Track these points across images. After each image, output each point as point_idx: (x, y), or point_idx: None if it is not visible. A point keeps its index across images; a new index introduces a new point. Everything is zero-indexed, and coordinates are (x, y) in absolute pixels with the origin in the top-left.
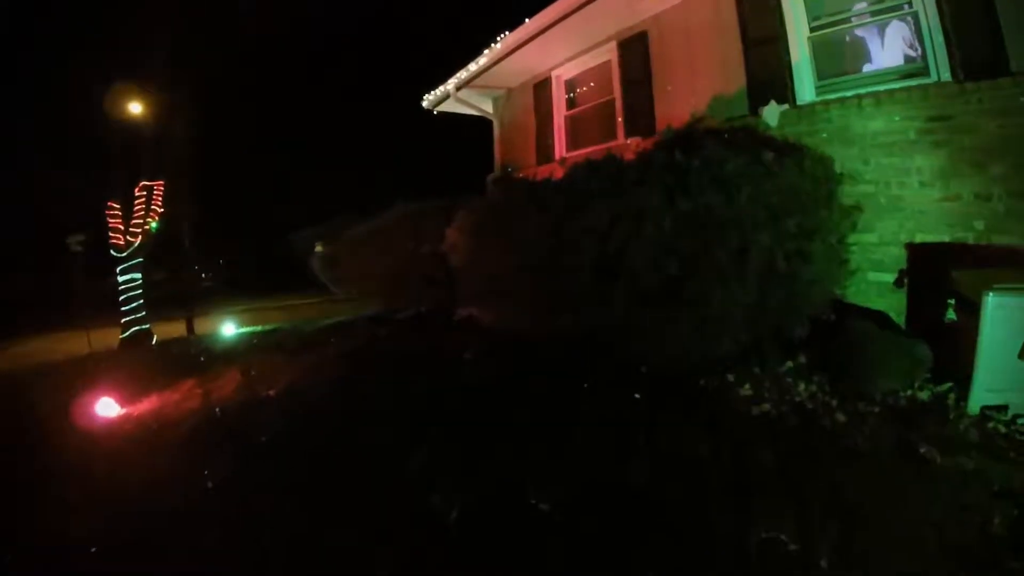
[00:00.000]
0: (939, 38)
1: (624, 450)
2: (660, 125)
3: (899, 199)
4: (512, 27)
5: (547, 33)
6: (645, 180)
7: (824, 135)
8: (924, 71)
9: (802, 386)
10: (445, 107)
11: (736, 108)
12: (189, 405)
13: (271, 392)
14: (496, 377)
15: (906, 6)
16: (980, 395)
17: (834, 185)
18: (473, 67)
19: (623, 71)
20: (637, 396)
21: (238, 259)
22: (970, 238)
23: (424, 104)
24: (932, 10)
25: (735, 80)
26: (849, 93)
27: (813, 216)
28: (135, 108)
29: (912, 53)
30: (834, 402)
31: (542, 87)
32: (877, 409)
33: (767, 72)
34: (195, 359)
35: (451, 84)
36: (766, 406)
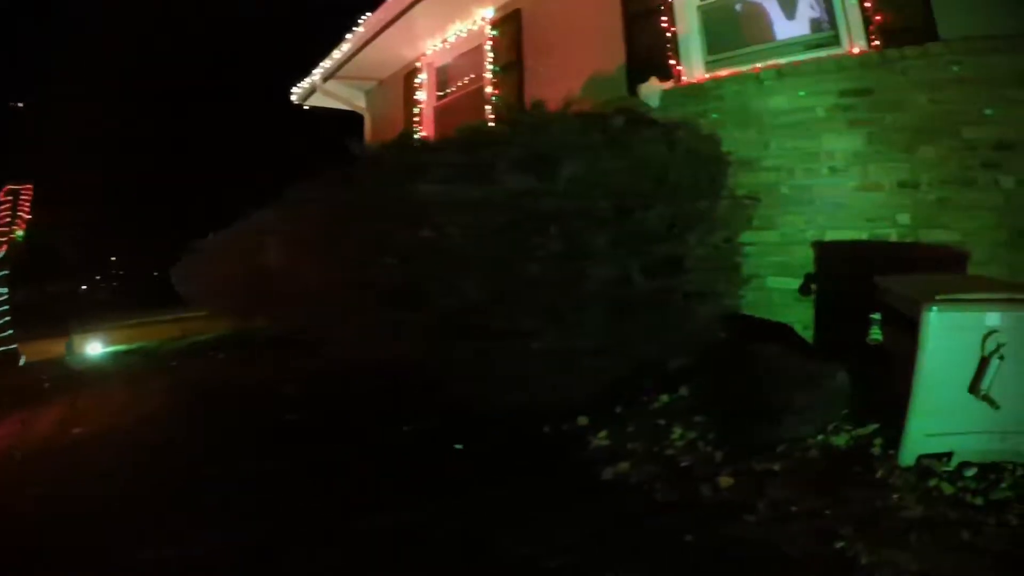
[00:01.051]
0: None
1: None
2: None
3: (806, 189)
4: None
5: (411, 12)
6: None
7: (716, 115)
8: (834, 40)
9: (678, 432)
10: (315, 101)
11: (616, 89)
12: None
13: (77, 430)
14: (308, 418)
15: None
16: (917, 441)
17: (722, 169)
18: (337, 54)
19: (494, 55)
20: (458, 447)
21: (137, 268)
22: (893, 235)
23: (293, 98)
24: None
25: (615, 58)
26: (745, 67)
27: (688, 207)
28: None
29: (820, 17)
30: (719, 455)
31: (413, 76)
32: (777, 466)
33: (650, 47)
34: (40, 386)
35: (317, 75)
36: (624, 465)
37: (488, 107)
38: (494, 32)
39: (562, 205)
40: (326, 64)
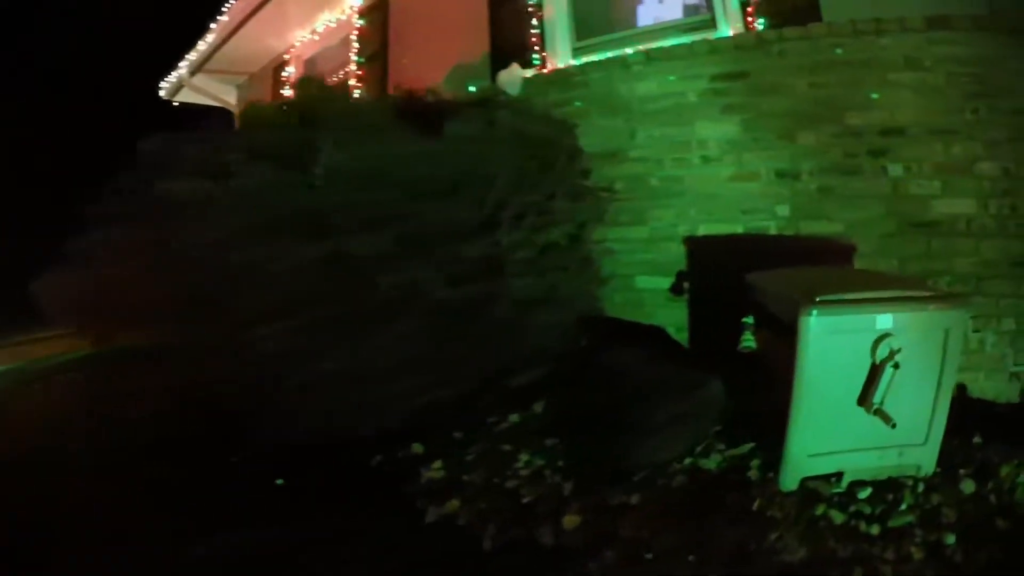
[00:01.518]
0: None
1: None
2: None
3: (676, 181)
4: None
5: (265, 10)
6: None
7: (579, 103)
8: (711, 24)
9: (524, 459)
10: (184, 96)
11: (479, 78)
12: None
13: None
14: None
15: None
16: (800, 462)
17: (572, 157)
18: (203, 46)
19: (360, 45)
20: (279, 483)
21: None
22: (772, 228)
23: (162, 93)
24: None
25: (480, 45)
26: (613, 53)
27: (515, 199)
28: None
29: (697, 1)
30: (568, 487)
31: (281, 70)
32: (635, 499)
33: (516, 33)
34: None
35: (183, 68)
36: (454, 503)
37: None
38: (361, 21)
39: (324, 200)
40: (192, 56)
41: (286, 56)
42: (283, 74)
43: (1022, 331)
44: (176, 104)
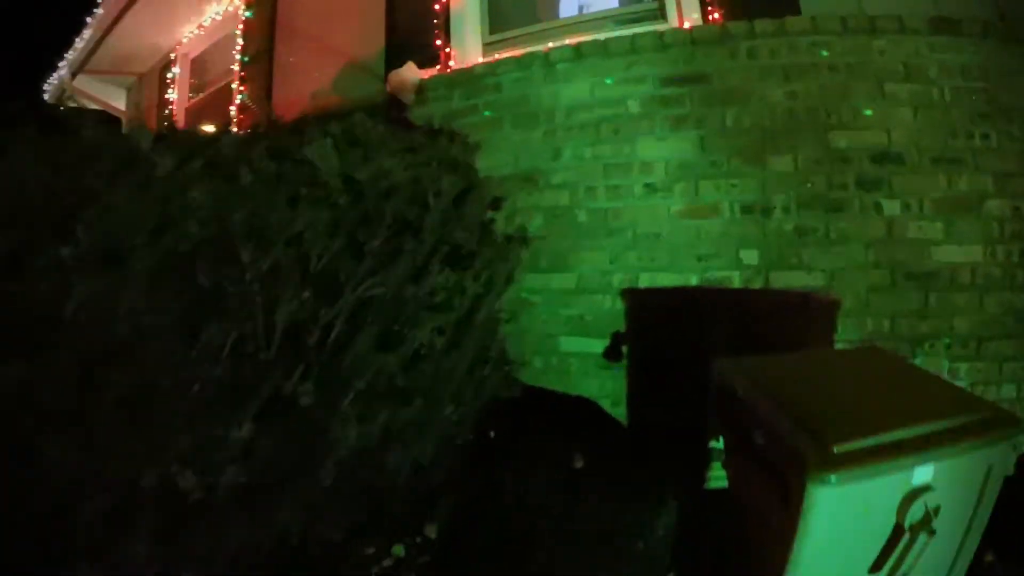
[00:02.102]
0: None
1: None
2: (279, 114)
3: (613, 215)
4: None
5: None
6: None
7: (488, 112)
8: (658, 15)
9: None
10: (71, 101)
11: (371, 82)
12: None
13: None
14: None
15: None
16: None
17: (460, 196)
18: (80, 43)
19: (244, 42)
20: None
21: None
22: (736, 279)
23: (46, 97)
24: None
25: (375, 41)
26: (535, 48)
27: (339, 245)
28: None
29: None
30: None
31: (168, 70)
32: None
33: (415, 25)
34: None
35: (64, 69)
36: None
37: (233, 107)
38: (247, 14)
39: None
40: (70, 56)
41: (172, 55)
42: (168, 76)
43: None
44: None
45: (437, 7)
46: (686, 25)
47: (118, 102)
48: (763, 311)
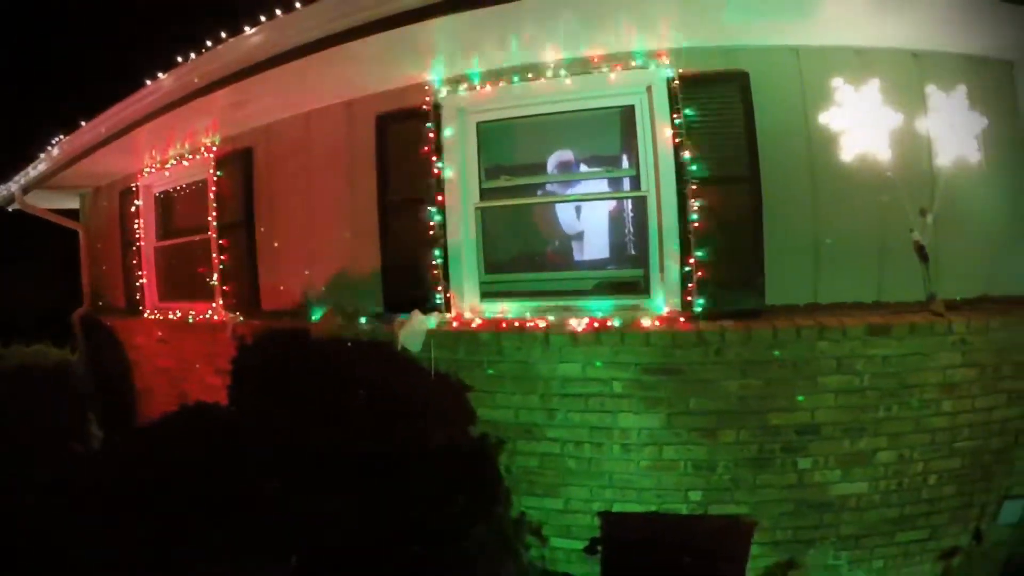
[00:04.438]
0: (673, 245)
1: None
2: (266, 302)
3: (595, 463)
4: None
5: (120, 141)
6: None
7: (491, 371)
8: (643, 287)
9: None
10: (20, 207)
11: (369, 302)
12: None
13: None
14: None
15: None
16: None
17: None
18: (33, 172)
19: (219, 205)
20: None
21: None
22: (683, 509)
23: None
24: (670, 198)
25: (369, 258)
26: (531, 306)
27: None
28: None
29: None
30: None
31: (128, 196)
32: None
33: (412, 255)
34: None
35: (15, 185)
36: None
37: (216, 277)
38: (219, 173)
39: None
40: (21, 179)
41: (133, 185)
42: (132, 206)
43: (887, 571)
44: (11, 211)
45: (431, 231)
46: (665, 309)
47: (71, 204)
48: (703, 532)
